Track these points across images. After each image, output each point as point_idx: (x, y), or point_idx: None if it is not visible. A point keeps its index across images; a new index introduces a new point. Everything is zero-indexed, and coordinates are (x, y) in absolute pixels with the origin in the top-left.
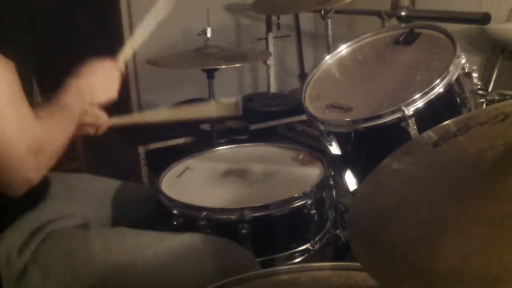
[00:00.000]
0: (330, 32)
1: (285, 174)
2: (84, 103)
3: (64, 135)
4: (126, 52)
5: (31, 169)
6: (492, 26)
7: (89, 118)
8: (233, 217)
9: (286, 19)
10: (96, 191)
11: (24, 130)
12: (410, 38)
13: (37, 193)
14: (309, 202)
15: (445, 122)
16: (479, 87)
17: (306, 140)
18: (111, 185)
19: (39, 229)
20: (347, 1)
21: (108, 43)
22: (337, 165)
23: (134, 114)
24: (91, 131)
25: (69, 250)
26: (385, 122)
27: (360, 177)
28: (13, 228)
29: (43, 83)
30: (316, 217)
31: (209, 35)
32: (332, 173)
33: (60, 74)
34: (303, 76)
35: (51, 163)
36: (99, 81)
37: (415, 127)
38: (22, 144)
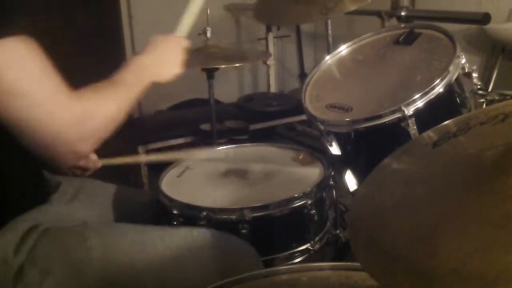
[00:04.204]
0: (330, 32)
1: (285, 174)
2: (145, 80)
3: (114, 107)
4: (184, 28)
5: (75, 141)
6: (492, 26)
7: (80, 161)
8: (233, 217)
9: None
10: (98, 196)
11: (59, 104)
12: (410, 38)
13: (39, 196)
14: (309, 202)
15: (445, 122)
16: (479, 87)
17: (306, 140)
18: (113, 190)
19: (33, 228)
20: (348, 11)
21: (108, 43)
22: (337, 165)
23: (125, 157)
24: (77, 172)
25: (67, 248)
26: (385, 122)
27: (360, 177)
28: (7, 228)
29: None
30: (316, 217)
31: (209, 35)
32: (332, 173)
33: (59, 73)
34: (303, 76)
35: (100, 134)
36: (163, 58)
37: (415, 127)
38: (59, 118)
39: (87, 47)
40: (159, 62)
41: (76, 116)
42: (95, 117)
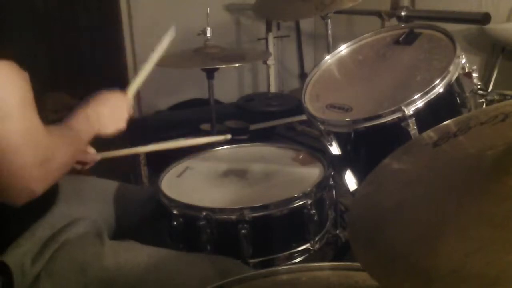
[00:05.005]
0: (330, 32)
1: (285, 174)
2: (92, 131)
3: (70, 153)
4: (133, 87)
5: (35, 180)
6: (492, 26)
7: (78, 155)
8: (233, 217)
9: None
10: (100, 193)
11: (32, 139)
12: (410, 38)
13: (50, 198)
14: (309, 202)
15: (445, 122)
16: (479, 87)
17: (306, 140)
18: (114, 186)
19: (53, 238)
20: (344, 8)
21: (108, 43)
22: (337, 165)
23: (122, 149)
24: (78, 167)
25: (82, 264)
26: (385, 122)
27: (360, 177)
28: (27, 235)
29: (43, 82)
30: (316, 217)
31: (209, 35)
32: (332, 173)
33: (60, 73)
34: (303, 76)
35: (56, 177)
36: (107, 112)
37: (415, 127)
38: (29, 154)
39: (88, 47)
40: (105, 116)
41: (43, 156)
42: (56, 159)
